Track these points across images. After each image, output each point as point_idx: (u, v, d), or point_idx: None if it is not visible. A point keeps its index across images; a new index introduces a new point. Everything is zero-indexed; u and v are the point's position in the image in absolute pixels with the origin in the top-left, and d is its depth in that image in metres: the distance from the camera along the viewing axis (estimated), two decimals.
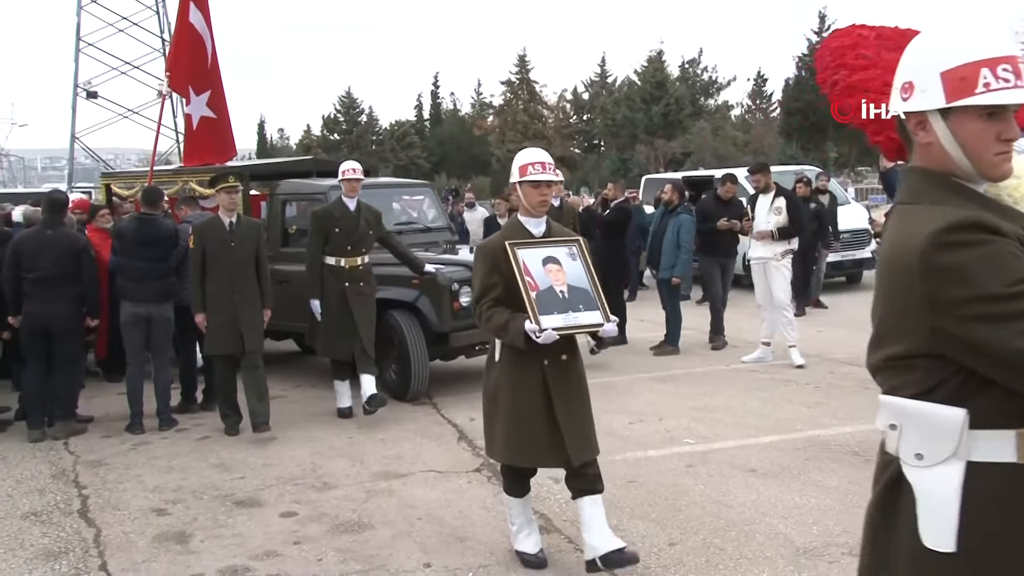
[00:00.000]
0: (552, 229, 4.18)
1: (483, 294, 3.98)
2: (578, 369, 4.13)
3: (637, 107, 51.20)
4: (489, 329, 3.97)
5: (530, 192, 4.06)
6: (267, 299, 6.95)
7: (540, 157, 4.07)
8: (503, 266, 3.92)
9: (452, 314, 7.52)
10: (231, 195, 6.80)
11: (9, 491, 5.76)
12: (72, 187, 36.42)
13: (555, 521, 4.89)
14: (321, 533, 4.86)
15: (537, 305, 3.81)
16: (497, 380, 4.08)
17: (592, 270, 4.04)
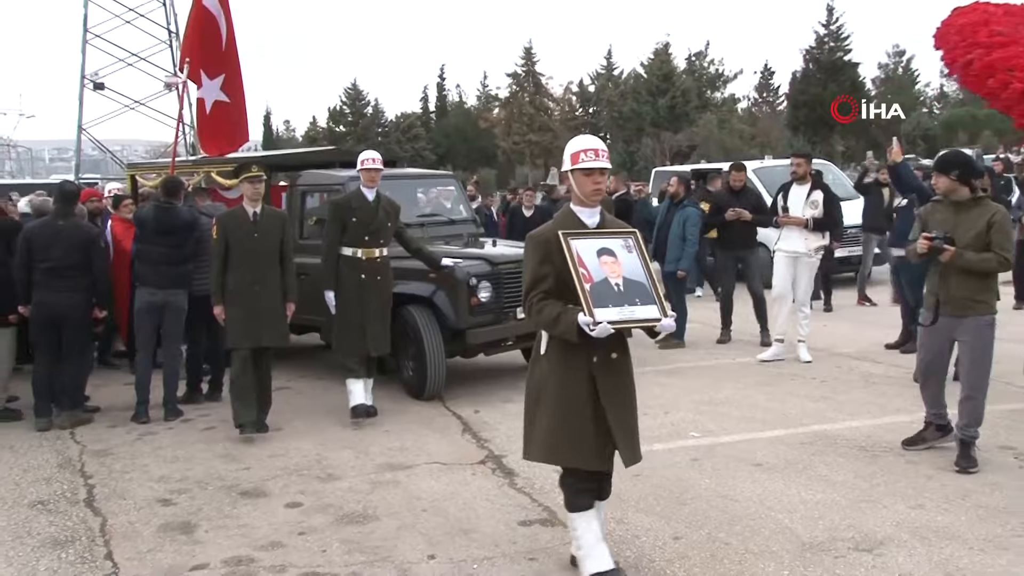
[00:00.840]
0: (606, 220, 3.98)
1: (533, 285, 3.80)
2: (628, 368, 3.95)
3: (643, 100, 51.04)
4: (539, 322, 3.79)
5: (583, 180, 3.84)
6: (291, 292, 6.74)
7: (593, 144, 3.86)
8: (555, 257, 3.74)
9: (470, 310, 7.28)
10: (255, 185, 6.59)
11: (16, 480, 5.78)
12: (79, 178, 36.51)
13: (559, 514, 4.86)
14: (326, 524, 4.87)
15: (592, 297, 3.62)
16: (542, 376, 3.89)
17: (648, 263, 3.85)
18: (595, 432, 3.79)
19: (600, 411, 3.78)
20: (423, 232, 8.24)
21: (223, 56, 9.43)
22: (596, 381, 3.79)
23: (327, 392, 7.83)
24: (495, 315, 7.41)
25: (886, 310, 9.93)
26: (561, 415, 3.81)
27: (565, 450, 3.84)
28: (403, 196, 8.48)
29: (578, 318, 3.57)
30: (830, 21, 51.33)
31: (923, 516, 4.69)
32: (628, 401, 3.93)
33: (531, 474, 5.55)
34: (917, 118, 51.98)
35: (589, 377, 3.79)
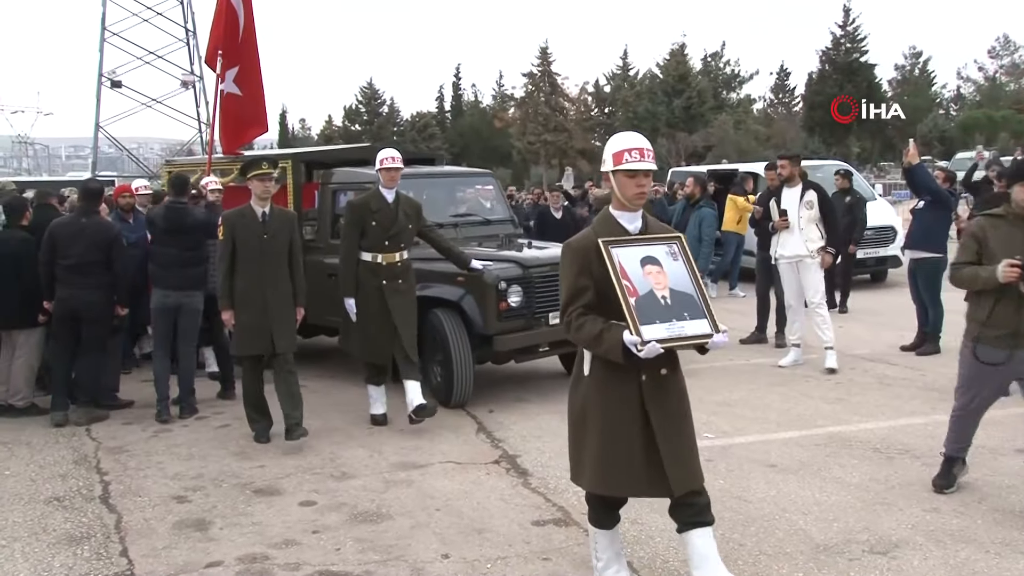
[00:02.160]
0: (649, 224, 3.64)
1: (572, 300, 3.48)
2: (679, 385, 3.64)
3: (659, 100, 51.01)
4: (579, 340, 3.48)
5: (626, 183, 3.51)
6: (300, 296, 6.48)
7: (638, 143, 3.53)
8: (595, 267, 3.42)
9: (498, 315, 6.98)
10: (264, 183, 6.29)
11: (32, 476, 5.82)
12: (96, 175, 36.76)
13: (573, 514, 4.88)
14: (340, 522, 4.88)
15: (637, 313, 3.30)
16: (586, 397, 3.59)
17: (696, 272, 3.54)
18: (647, 458, 3.48)
19: (651, 434, 3.48)
20: (457, 232, 8.02)
21: (239, 48, 9.39)
22: (645, 401, 3.48)
23: (341, 391, 7.85)
24: (526, 320, 7.14)
25: (902, 312, 9.87)
26: (608, 440, 3.51)
27: (615, 479, 3.55)
28: (441, 194, 8.42)
29: (623, 337, 3.28)
30: (847, 22, 51.18)
31: (938, 519, 4.66)
32: (681, 421, 3.60)
33: (545, 474, 5.55)
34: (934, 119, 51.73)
35: (637, 397, 3.48)
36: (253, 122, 9.75)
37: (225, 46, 9.28)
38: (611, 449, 3.51)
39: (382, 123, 62.93)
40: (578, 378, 3.66)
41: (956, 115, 56.21)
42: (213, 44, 9.44)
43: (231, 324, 6.38)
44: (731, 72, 56.43)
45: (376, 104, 64.81)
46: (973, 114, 50.56)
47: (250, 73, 9.51)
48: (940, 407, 6.77)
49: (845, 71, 49.68)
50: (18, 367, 7.18)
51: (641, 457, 3.48)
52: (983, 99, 55.25)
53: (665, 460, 3.47)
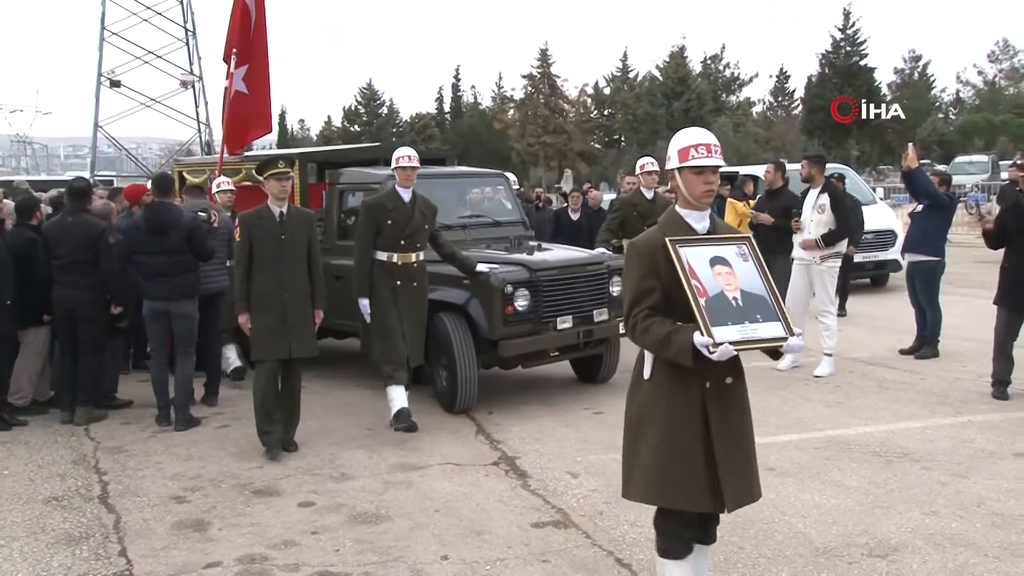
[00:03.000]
0: (717, 224, 3.47)
1: (637, 301, 3.29)
2: (742, 394, 3.46)
3: (658, 103, 51.11)
4: (645, 343, 3.30)
5: (693, 180, 3.33)
6: (319, 299, 6.25)
7: (705, 138, 3.37)
8: (661, 268, 3.25)
9: (504, 320, 6.80)
10: (282, 182, 6.07)
11: (31, 476, 5.81)
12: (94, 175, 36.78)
13: (572, 516, 4.88)
14: (339, 523, 4.88)
15: (708, 314, 3.14)
16: (645, 404, 3.40)
17: (767, 273, 3.36)
18: (707, 469, 3.30)
19: (711, 444, 3.30)
20: (466, 234, 7.87)
21: (249, 46, 9.34)
22: (708, 410, 3.30)
23: (340, 391, 7.84)
24: (533, 325, 6.96)
25: (901, 316, 9.88)
26: (667, 449, 3.31)
27: (672, 490, 3.33)
28: (452, 195, 8.25)
29: (694, 339, 3.10)
30: (846, 25, 51.27)
31: (937, 523, 4.67)
32: (742, 434, 3.43)
33: (544, 476, 5.55)
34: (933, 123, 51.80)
35: (699, 406, 3.30)
36: (257, 122, 9.69)
37: (238, 44, 9.23)
38: (667, 458, 3.32)
39: (381, 124, 62.98)
40: (637, 383, 3.48)
41: (955, 119, 56.29)
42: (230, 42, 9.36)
43: (248, 328, 6.15)
44: (731, 75, 56.53)
45: (375, 105, 64.87)
46: (972, 118, 50.64)
47: (259, 73, 9.45)
48: (939, 411, 6.79)
49: (845, 74, 49.77)
50: (20, 366, 7.14)
51: (701, 468, 3.29)
52: (982, 103, 55.33)
53: (722, 474, 3.29)
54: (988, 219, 8.86)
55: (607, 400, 7.31)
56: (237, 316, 6.16)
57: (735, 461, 3.35)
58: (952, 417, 6.63)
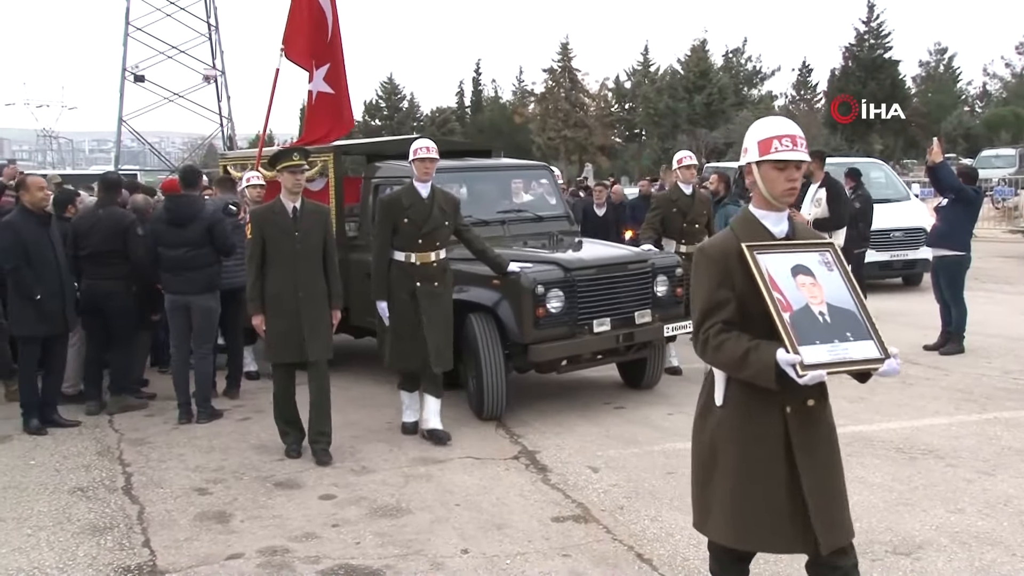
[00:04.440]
0: (797, 228, 3.08)
1: (709, 314, 2.93)
2: (828, 420, 3.07)
3: (680, 96, 50.80)
4: (718, 362, 2.94)
5: (774, 177, 2.93)
6: (335, 298, 6.01)
7: (789, 129, 2.98)
8: (736, 277, 2.90)
9: (535, 322, 6.40)
10: (295, 176, 5.82)
11: (56, 466, 5.87)
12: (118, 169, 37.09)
13: (593, 511, 4.87)
14: (359, 516, 4.90)
15: (794, 330, 2.77)
16: (717, 431, 3.05)
17: (855, 285, 3.00)
18: (791, 507, 2.92)
19: (796, 477, 2.93)
20: (504, 230, 7.56)
21: (328, 47, 9.30)
22: (791, 439, 2.93)
23: (360, 386, 7.86)
24: (568, 328, 6.56)
25: (925, 311, 9.78)
26: (747, 484, 2.96)
27: (757, 530, 2.96)
28: (492, 189, 8.09)
29: (777, 357, 2.74)
30: (871, 18, 50.71)
31: (963, 520, 4.62)
32: (831, 464, 3.04)
33: (564, 471, 5.55)
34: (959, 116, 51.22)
35: (780, 433, 2.93)
36: (340, 122, 9.63)
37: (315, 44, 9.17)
38: (747, 494, 2.96)
39: (402, 118, 63.08)
40: (707, 408, 3.13)
41: (982, 112, 55.64)
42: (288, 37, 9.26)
43: (262, 330, 5.95)
44: (752, 68, 56.13)
45: (396, 99, 64.96)
46: (999, 111, 50.03)
47: (338, 71, 9.42)
48: (964, 407, 6.72)
49: (869, 68, 49.26)
50: (70, 356, 7.27)
51: (783, 505, 2.93)
52: (1010, 96, 54.65)
53: (812, 511, 2.91)
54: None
55: (628, 395, 7.30)
56: (251, 317, 6.01)
57: (826, 495, 2.97)
58: (977, 414, 6.56)
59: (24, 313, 6.51)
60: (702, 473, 3.14)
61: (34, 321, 6.52)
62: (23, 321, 6.54)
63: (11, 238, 6.44)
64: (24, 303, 6.48)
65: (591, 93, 58.37)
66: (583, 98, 57.60)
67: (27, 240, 6.45)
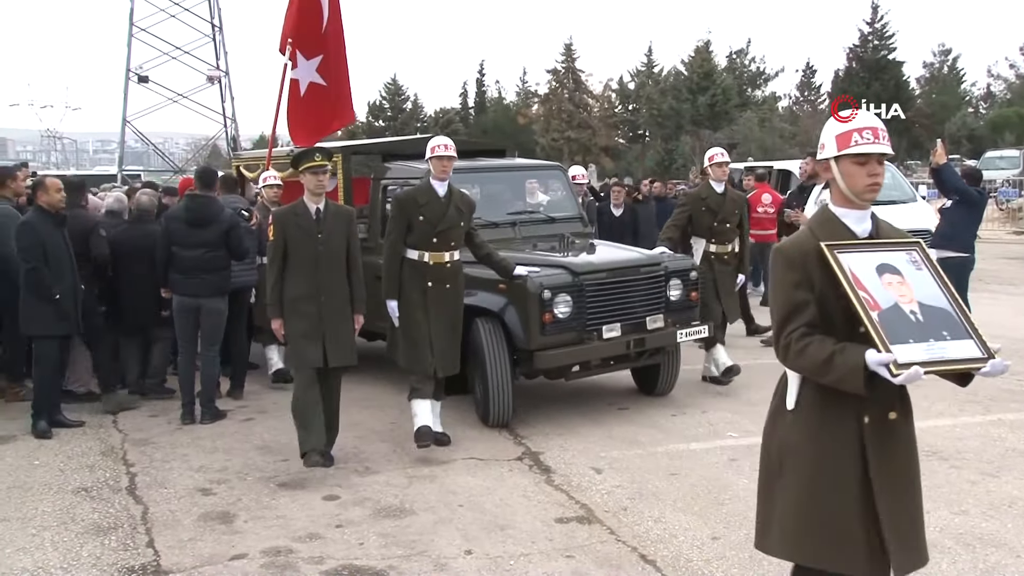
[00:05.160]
0: (880, 226, 2.88)
1: (790, 317, 2.75)
2: (910, 436, 2.85)
3: (683, 97, 50.71)
4: (802, 366, 2.74)
5: (855, 172, 2.76)
6: (358, 303, 5.80)
7: (871, 121, 2.79)
8: (816, 277, 2.72)
9: (542, 328, 6.22)
10: (318, 176, 5.62)
11: (61, 466, 5.88)
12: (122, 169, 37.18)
13: (596, 512, 4.87)
14: (363, 517, 4.90)
15: (884, 328, 2.57)
16: (787, 439, 2.84)
17: (948, 284, 2.79)
18: (864, 523, 2.73)
19: (870, 493, 2.73)
20: (515, 232, 7.39)
21: (322, 37, 9.21)
22: (867, 451, 2.73)
23: (363, 385, 7.86)
24: (577, 334, 6.37)
25: None
26: (816, 498, 2.77)
27: (820, 546, 2.77)
28: (502, 190, 7.96)
29: (867, 358, 2.53)
30: (875, 19, 50.68)
31: (967, 522, 4.61)
32: (910, 482, 2.83)
33: (568, 471, 5.55)
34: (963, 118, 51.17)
35: (858, 445, 2.73)
36: (339, 113, 9.56)
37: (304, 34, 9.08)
38: (815, 507, 2.77)
39: (406, 119, 63.06)
40: (778, 413, 2.92)
41: (986, 113, 55.55)
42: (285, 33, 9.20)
43: (281, 334, 5.75)
44: (756, 69, 56.00)
45: (400, 100, 64.94)
46: (1003, 112, 49.92)
47: (337, 63, 9.34)
48: (968, 408, 6.72)
49: (873, 69, 49.22)
50: (81, 355, 7.41)
51: (855, 522, 2.74)
52: (1014, 97, 54.54)
53: (887, 531, 2.73)
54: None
55: (632, 396, 7.30)
56: (270, 321, 5.81)
57: (902, 515, 2.77)
58: (982, 415, 6.55)
59: (41, 313, 6.51)
60: (768, 481, 2.93)
61: (51, 320, 6.53)
62: (39, 321, 6.53)
63: (32, 238, 6.46)
64: (41, 303, 6.49)
65: (595, 94, 58.33)
66: (587, 99, 57.56)
67: (45, 240, 6.48)
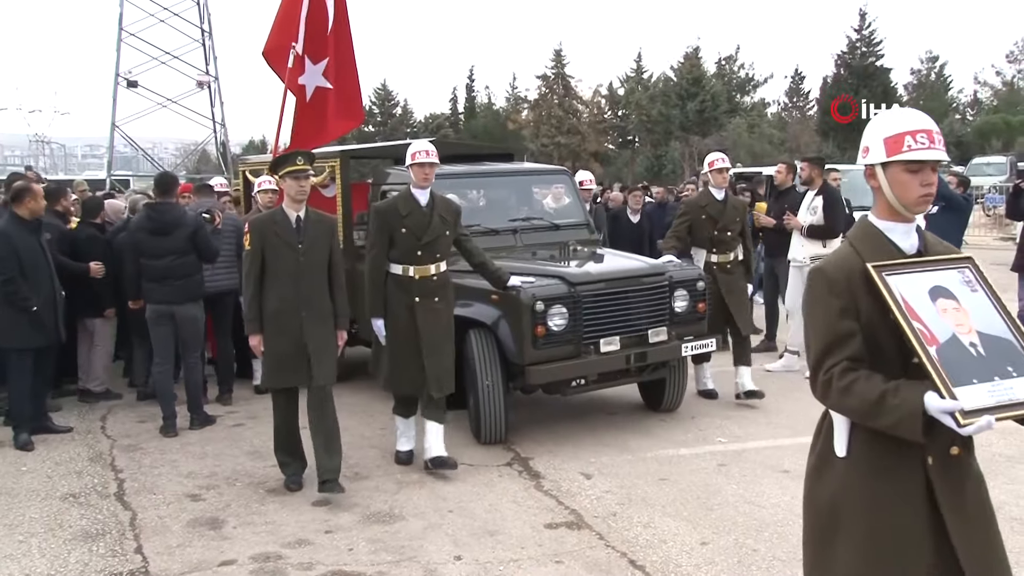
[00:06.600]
0: (928, 242, 2.53)
1: (831, 349, 2.39)
2: (976, 472, 2.49)
3: (673, 103, 50.88)
4: (847, 407, 2.39)
5: (906, 181, 2.41)
6: (341, 318, 5.50)
7: (926, 123, 2.45)
8: (862, 303, 2.37)
9: (534, 341, 5.93)
10: (300, 182, 5.29)
11: (48, 472, 5.86)
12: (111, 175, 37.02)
13: (586, 518, 4.88)
14: (352, 523, 4.89)
15: (945, 367, 2.22)
16: (840, 490, 2.47)
17: (1005, 305, 2.44)
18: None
19: (944, 546, 2.35)
20: (517, 239, 7.14)
21: (327, 40, 9.16)
22: (936, 497, 2.36)
23: (352, 392, 7.84)
24: (572, 347, 6.09)
25: None
26: (879, 557, 2.40)
27: None
28: (504, 195, 7.76)
29: (927, 404, 2.18)
30: (862, 26, 50.92)
31: None
32: (987, 523, 2.46)
33: (557, 477, 5.56)
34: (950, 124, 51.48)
35: (922, 491, 2.37)
36: (345, 115, 9.47)
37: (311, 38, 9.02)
38: (884, 570, 2.40)
39: (395, 124, 63.04)
40: (824, 460, 2.57)
41: (973, 120, 55.90)
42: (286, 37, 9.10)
43: (260, 351, 5.42)
44: (745, 76, 56.22)
45: (390, 105, 64.91)
46: (990, 119, 50.26)
47: (343, 66, 9.27)
48: None
49: (860, 75, 49.45)
50: (97, 355, 7.65)
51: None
52: (1000, 104, 54.93)
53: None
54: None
55: (622, 402, 7.31)
56: (248, 337, 5.49)
57: (987, 565, 2.41)
58: None
59: (16, 324, 6.34)
60: (819, 539, 2.56)
61: (28, 332, 6.38)
62: (15, 333, 6.36)
63: (7, 247, 6.30)
64: (17, 314, 6.33)
65: (584, 100, 58.45)
66: (576, 105, 57.66)
67: (20, 248, 6.34)
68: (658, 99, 53.11)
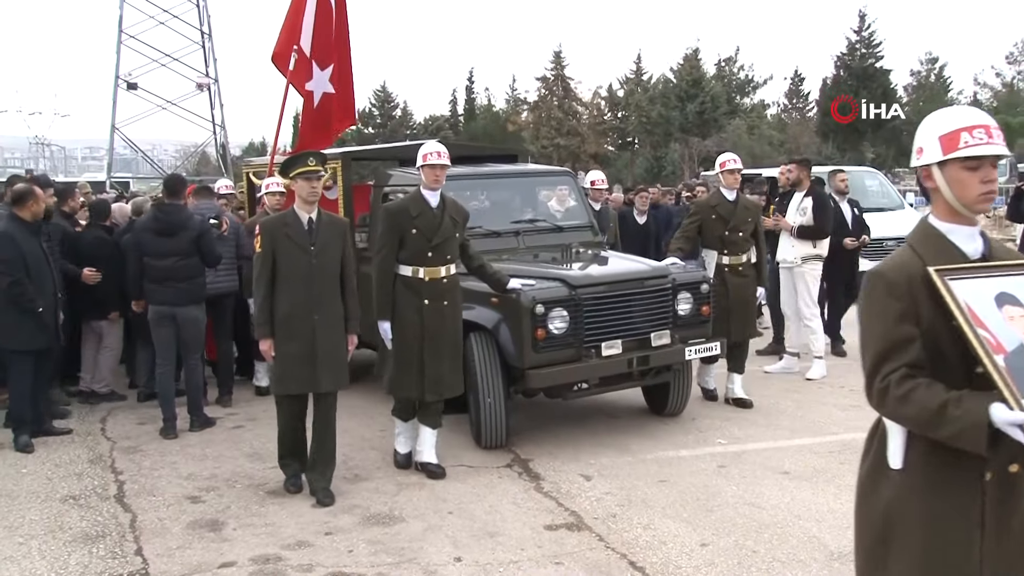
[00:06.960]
0: (992, 245, 2.43)
1: (888, 355, 2.29)
2: None
3: (672, 105, 50.89)
4: (904, 416, 2.29)
5: (965, 179, 2.31)
6: (352, 322, 5.42)
7: (983, 119, 2.35)
8: (923, 308, 2.27)
9: (534, 344, 5.84)
10: (311, 183, 5.22)
11: (49, 474, 5.86)
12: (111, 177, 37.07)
13: (586, 519, 4.88)
14: (352, 524, 4.90)
15: (1013, 377, 2.13)
16: (896, 503, 2.38)
17: None
18: None
19: (1001, 561, 2.32)
20: (519, 242, 7.06)
21: (332, 46, 9.17)
22: (986, 511, 2.29)
23: (352, 394, 7.80)
24: (573, 351, 5.99)
25: None
26: (933, 571, 2.33)
27: None
28: (507, 197, 7.71)
29: (992, 415, 2.09)
30: (862, 27, 50.92)
31: None
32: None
33: (557, 479, 5.56)
34: None
35: (977, 506, 2.29)
36: (342, 116, 9.50)
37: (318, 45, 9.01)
38: None
39: (395, 126, 63.06)
40: (878, 471, 2.46)
41: None
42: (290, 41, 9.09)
43: (271, 356, 5.33)
44: (745, 77, 56.25)
45: (389, 107, 64.89)
46: None
47: (343, 70, 9.29)
48: None
49: (860, 77, 49.45)
50: (105, 357, 7.72)
51: None
52: (1000, 105, 54.93)
53: None
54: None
55: (621, 403, 7.31)
56: (258, 342, 5.45)
57: None
58: None
59: (20, 326, 6.35)
60: (872, 551, 2.48)
61: (31, 334, 6.38)
62: (18, 335, 6.37)
63: (13, 250, 6.31)
64: (21, 316, 6.35)
65: (584, 101, 58.46)
66: (576, 106, 57.67)
67: (25, 251, 6.37)
68: (658, 100, 53.14)
